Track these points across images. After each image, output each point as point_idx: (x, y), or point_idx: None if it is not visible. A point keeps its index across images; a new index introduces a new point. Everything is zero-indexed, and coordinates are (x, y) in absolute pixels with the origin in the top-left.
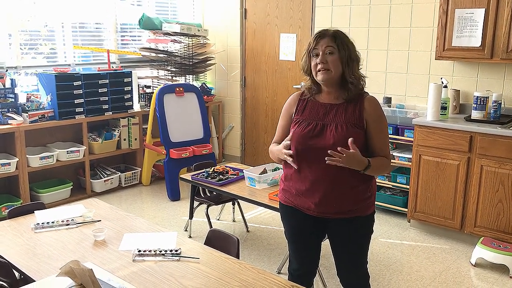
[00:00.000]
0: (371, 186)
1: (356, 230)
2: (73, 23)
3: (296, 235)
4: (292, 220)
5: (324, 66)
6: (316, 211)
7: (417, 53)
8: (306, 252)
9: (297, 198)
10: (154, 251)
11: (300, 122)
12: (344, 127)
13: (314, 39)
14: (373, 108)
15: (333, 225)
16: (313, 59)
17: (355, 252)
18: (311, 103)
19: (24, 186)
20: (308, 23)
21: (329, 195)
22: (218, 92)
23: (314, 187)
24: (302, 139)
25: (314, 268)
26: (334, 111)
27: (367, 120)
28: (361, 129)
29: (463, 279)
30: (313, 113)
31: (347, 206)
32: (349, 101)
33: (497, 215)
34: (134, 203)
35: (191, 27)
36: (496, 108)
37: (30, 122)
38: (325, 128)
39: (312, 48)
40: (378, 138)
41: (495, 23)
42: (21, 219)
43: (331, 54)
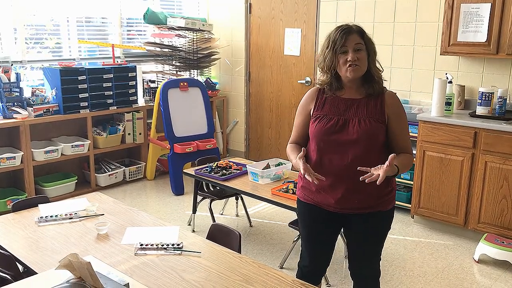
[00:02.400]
0: (392, 181)
1: (376, 225)
2: (78, 17)
3: (314, 232)
4: (311, 217)
5: (355, 63)
6: (337, 207)
7: (422, 48)
8: (321, 249)
9: (318, 195)
10: (156, 245)
11: (320, 117)
12: (368, 121)
13: (340, 36)
14: (395, 103)
15: (353, 220)
16: (341, 56)
17: (371, 247)
18: (330, 98)
19: (29, 180)
20: (313, 17)
21: (351, 191)
22: (222, 87)
23: (336, 183)
24: (325, 135)
25: (325, 266)
26: (355, 106)
27: (389, 115)
28: (383, 124)
29: (466, 275)
30: (334, 108)
31: (368, 201)
32: (370, 96)
33: (501, 212)
34: (138, 197)
35: (196, 21)
36: (501, 104)
37: (35, 116)
38: (347, 123)
39: (341, 45)
40: (401, 133)
41: (501, 18)
42: (25, 213)
43: (360, 50)
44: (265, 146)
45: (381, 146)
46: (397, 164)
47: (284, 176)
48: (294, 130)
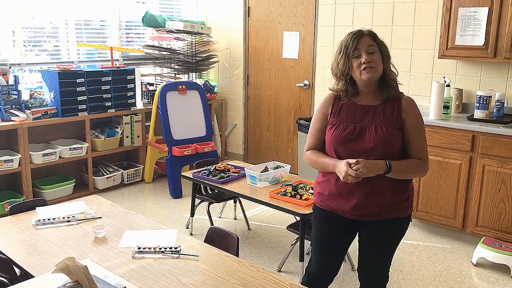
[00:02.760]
0: (409, 187)
1: (391, 232)
2: (77, 20)
3: (327, 238)
4: (326, 223)
5: (370, 65)
6: (352, 214)
7: (420, 51)
8: (333, 256)
9: (333, 201)
10: (154, 249)
11: (337, 124)
12: (384, 129)
13: (352, 40)
14: (411, 108)
15: (369, 226)
16: (355, 60)
17: (384, 253)
18: (347, 105)
19: (27, 182)
20: (311, 21)
21: (367, 197)
22: (221, 90)
23: (353, 189)
24: (341, 142)
25: (334, 274)
26: (372, 112)
27: (405, 121)
28: (400, 131)
29: (464, 279)
30: (350, 115)
31: (384, 208)
32: (387, 102)
33: (499, 215)
34: (136, 200)
35: (195, 24)
36: (499, 107)
37: (33, 119)
38: (364, 130)
39: (353, 49)
40: (415, 140)
41: (498, 22)
42: (23, 216)
43: (373, 53)
44: (263, 149)
45: (398, 153)
46: (391, 162)
47: (282, 179)
48: (312, 136)
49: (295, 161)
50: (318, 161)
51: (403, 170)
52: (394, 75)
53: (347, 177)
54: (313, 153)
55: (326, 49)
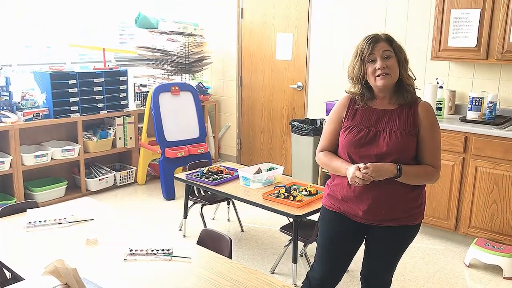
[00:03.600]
0: (422, 194)
1: (401, 239)
2: (69, 21)
3: (335, 242)
4: (335, 226)
5: (385, 71)
6: (364, 218)
7: (412, 53)
8: (338, 262)
9: (344, 204)
10: (146, 251)
11: (351, 128)
12: (398, 134)
13: (367, 44)
14: (427, 114)
15: (378, 232)
16: (369, 65)
17: (391, 258)
18: (362, 109)
19: (18, 184)
20: (304, 23)
21: (379, 202)
22: (214, 92)
23: (364, 194)
24: (354, 146)
25: (337, 281)
26: (387, 117)
27: (420, 127)
28: (415, 136)
29: (457, 280)
30: (365, 119)
31: (396, 213)
32: (403, 107)
33: (492, 216)
34: (129, 202)
35: (188, 26)
36: (492, 108)
37: (24, 120)
38: (377, 135)
39: (368, 54)
40: (429, 146)
41: (490, 23)
42: (13, 218)
43: (389, 58)
44: (257, 151)
45: (412, 158)
46: (403, 167)
47: (276, 180)
48: (325, 137)
49: (289, 162)
50: (330, 164)
51: (414, 175)
52: (412, 80)
53: (354, 180)
54: (326, 155)
55: (319, 51)
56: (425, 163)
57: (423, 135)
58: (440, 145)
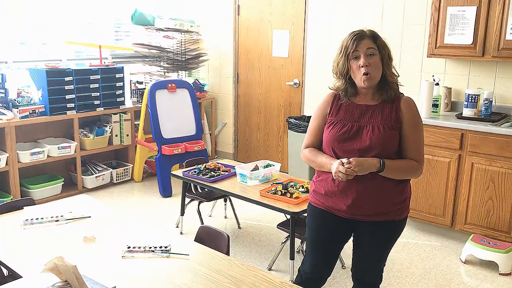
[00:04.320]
0: (406, 189)
1: (387, 234)
2: (65, 17)
3: (321, 238)
4: (321, 222)
5: (367, 69)
6: (348, 213)
7: (409, 50)
8: (326, 256)
9: (329, 200)
10: (144, 248)
11: (334, 123)
12: (381, 128)
13: (352, 41)
14: (410, 109)
15: (364, 227)
16: (353, 61)
17: (378, 254)
18: (346, 104)
19: (15, 182)
20: (301, 19)
21: (363, 197)
22: (211, 89)
23: (348, 188)
24: (338, 141)
25: (327, 274)
26: (370, 112)
27: (403, 122)
28: (398, 131)
29: (453, 276)
30: (348, 114)
31: (380, 208)
32: (386, 102)
33: (487, 212)
34: (126, 199)
35: (184, 22)
36: (487, 105)
37: (20, 117)
38: (361, 130)
39: (353, 50)
40: (411, 140)
41: (486, 21)
42: (10, 215)
43: (373, 55)
44: (253, 148)
45: (395, 153)
46: (385, 161)
47: (273, 177)
48: (310, 134)
49: (285, 159)
50: (315, 160)
51: (397, 169)
52: (395, 77)
53: (337, 174)
54: (310, 151)
55: (316, 48)
56: (408, 158)
57: (405, 130)
58: (422, 140)
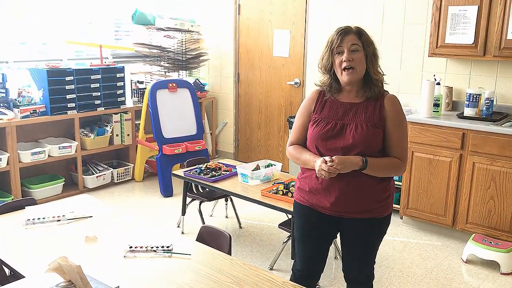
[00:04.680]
0: (390, 186)
1: (371, 231)
2: (66, 17)
3: (308, 235)
4: (306, 219)
5: (350, 64)
6: (331, 210)
7: (410, 49)
8: (315, 253)
9: (313, 197)
10: (146, 248)
11: (318, 121)
12: (364, 126)
13: (337, 36)
14: (393, 107)
15: (348, 224)
16: (337, 56)
17: (366, 252)
18: (330, 102)
19: (15, 181)
20: (302, 19)
21: (346, 194)
22: (211, 88)
23: (332, 186)
24: (321, 139)
25: (319, 271)
26: (354, 110)
27: (386, 120)
28: (381, 129)
29: (455, 276)
30: (332, 112)
31: (364, 206)
32: (370, 100)
33: (489, 212)
34: (127, 199)
35: (185, 22)
36: (489, 105)
37: (21, 117)
38: (344, 127)
39: (337, 45)
40: (395, 138)
41: (488, 20)
42: (12, 215)
43: (357, 51)
44: (254, 147)
45: (379, 151)
46: (368, 159)
47: (274, 177)
48: (295, 131)
49: (286, 159)
50: (299, 157)
51: (380, 167)
52: (380, 75)
53: (320, 172)
54: (295, 148)
55: (316, 47)
56: (392, 156)
57: (389, 128)
58: (406, 138)
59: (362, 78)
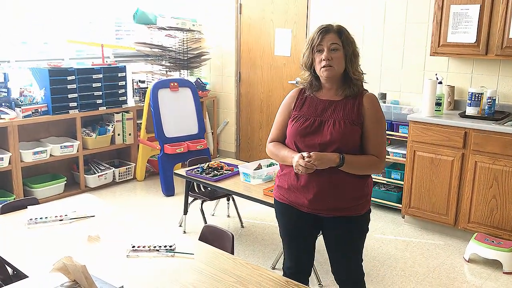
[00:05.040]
0: (367, 184)
1: (351, 229)
2: (67, 17)
3: (290, 233)
4: (286, 217)
5: (329, 63)
6: (310, 208)
7: (412, 49)
8: (300, 250)
9: (292, 194)
10: (148, 247)
11: (298, 118)
12: (342, 123)
13: (318, 34)
14: (372, 105)
15: (328, 224)
16: (317, 54)
17: (350, 251)
18: (310, 99)
19: (17, 181)
20: (303, 18)
21: (324, 191)
22: (213, 87)
23: (309, 183)
24: (299, 135)
25: (308, 267)
26: (332, 107)
27: (365, 117)
28: (359, 126)
29: (457, 275)
30: (312, 109)
31: (342, 203)
32: (349, 98)
33: (491, 211)
34: (128, 198)
35: (186, 21)
36: (491, 104)
37: (23, 116)
38: (322, 124)
39: (317, 44)
40: (373, 136)
41: (490, 19)
42: (14, 215)
43: (336, 50)
44: (255, 147)
45: (357, 148)
46: (345, 156)
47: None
48: (275, 128)
49: None
50: (278, 154)
51: (357, 164)
52: (360, 74)
53: (297, 168)
54: (274, 145)
55: None
56: (370, 153)
57: (367, 126)
58: (384, 136)
59: (341, 76)
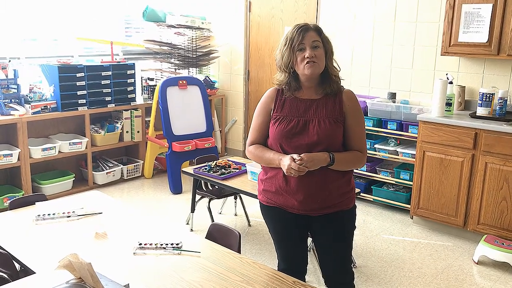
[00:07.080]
0: (351, 180)
1: (340, 226)
2: (77, 14)
3: (281, 235)
4: (276, 221)
5: (313, 60)
6: (300, 209)
7: (422, 48)
8: (293, 252)
9: (280, 197)
10: (155, 245)
11: (280, 119)
12: (327, 122)
13: (298, 33)
14: (352, 101)
15: (317, 223)
16: (299, 53)
17: (339, 249)
18: (290, 100)
19: (26, 177)
20: (313, 17)
21: (314, 191)
22: (221, 86)
23: (298, 184)
24: (286, 137)
25: (303, 267)
26: (314, 106)
27: (346, 114)
28: (341, 123)
29: (466, 277)
30: (293, 109)
31: (331, 200)
32: (328, 96)
33: (501, 213)
34: (136, 195)
35: (195, 19)
36: (502, 105)
37: (32, 113)
38: (307, 124)
39: (298, 43)
40: (355, 131)
41: (502, 19)
42: (22, 211)
43: (318, 48)
44: None
45: (341, 146)
46: (334, 155)
47: None
48: (255, 130)
49: None
50: (262, 156)
51: (345, 161)
52: (337, 71)
53: (290, 171)
54: (256, 148)
55: None
56: (353, 149)
57: (349, 122)
58: (364, 130)
59: (320, 75)
